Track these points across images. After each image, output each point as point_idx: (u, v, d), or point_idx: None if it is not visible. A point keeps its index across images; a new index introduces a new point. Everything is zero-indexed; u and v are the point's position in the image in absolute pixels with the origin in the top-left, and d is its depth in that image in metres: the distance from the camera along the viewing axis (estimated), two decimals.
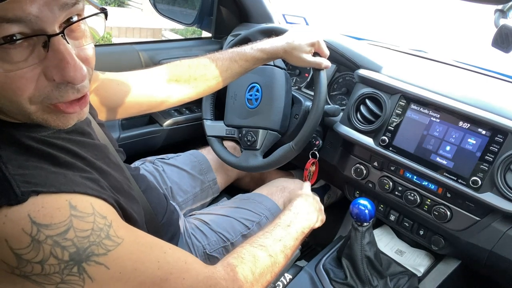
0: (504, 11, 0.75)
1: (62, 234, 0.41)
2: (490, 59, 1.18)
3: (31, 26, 0.38)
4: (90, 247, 0.43)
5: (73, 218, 0.42)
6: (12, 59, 0.38)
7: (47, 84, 0.41)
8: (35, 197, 0.41)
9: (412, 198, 0.90)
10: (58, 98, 0.42)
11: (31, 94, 0.41)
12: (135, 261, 0.47)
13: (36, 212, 0.40)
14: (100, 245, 0.43)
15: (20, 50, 0.39)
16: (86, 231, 0.43)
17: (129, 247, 0.47)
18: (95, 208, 0.45)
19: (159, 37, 5.50)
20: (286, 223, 0.75)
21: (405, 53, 1.24)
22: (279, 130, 0.97)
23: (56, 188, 0.43)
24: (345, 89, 1.13)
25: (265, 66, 0.99)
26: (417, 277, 0.96)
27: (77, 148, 0.51)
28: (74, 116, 0.46)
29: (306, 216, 0.80)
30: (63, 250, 0.41)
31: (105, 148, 0.60)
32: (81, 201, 0.44)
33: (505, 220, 0.78)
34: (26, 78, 0.40)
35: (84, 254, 0.42)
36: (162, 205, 0.86)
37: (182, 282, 0.51)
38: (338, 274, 0.89)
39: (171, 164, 1.11)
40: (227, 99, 1.07)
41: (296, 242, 0.74)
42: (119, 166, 0.62)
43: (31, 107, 0.42)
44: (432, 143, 0.85)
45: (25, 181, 0.41)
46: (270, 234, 0.71)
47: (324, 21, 3.72)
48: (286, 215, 0.78)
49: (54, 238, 0.41)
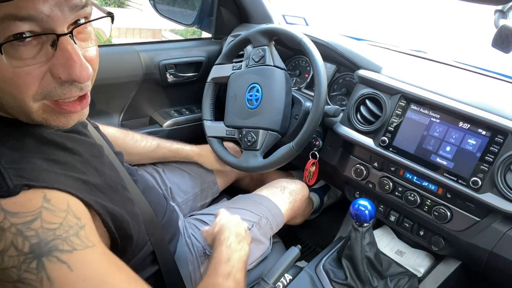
0: (504, 11, 0.75)
1: (28, 223, 0.39)
2: (490, 60, 1.18)
3: (42, 25, 0.39)
4: (54, 241, 0.40)
5: (43, 209, 0.41)
6: (21, 55, 0.39)
7: (52, 81, 0.42)
8: (27, 191, 0.41)
9: (412, 198, 0.90)
10: (60, 95, 0.43)
11: (34, 91, 0.42)
12: (104, 273, 0.42)
13: (7, 200, 0.40)
14: (66, 240, 0.40)
15: (29, 47, 0.40)
16: (54, 224, 0.41)
17: (99, 255, 0.43)
18: (70, 207, 0.43)
19: (159, 38, 5.50)
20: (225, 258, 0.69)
21: (405, 53, 1.24)
22: (279, 131, 0.97)
23: (47, 183, 0.43)
24: (345, 89, 1.13)
25: (265, 66, 0.99)
26: (417, 278, 0.96)
27: (74, 146, 0.52)
28: (74, 116, 0.47)
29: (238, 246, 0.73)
30: (24, 240, 0.39)
31: (101, 148, 0.61)
32: (58, 197, 0.43)
33: (505, 220, 0.78)
34: (33, 75, 0.41)
35: (46, 247, 0.39)
36: (162, 205, 0.86)
37: None
38: (338, 275, 0.89)
39: (170, 165, 1.11)
40: (227, 100, 1.07)
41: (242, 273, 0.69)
42: (113, 166, 0.62)
43: (34, 105, 0.43)
44: (432, 144, 0.85)
45: (19, 175, 0.41)
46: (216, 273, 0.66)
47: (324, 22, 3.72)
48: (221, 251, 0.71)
49: (18, 227, 0.39)
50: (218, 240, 0.74)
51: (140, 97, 1.31)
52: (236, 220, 0.81)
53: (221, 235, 0.74)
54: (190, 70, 1.38)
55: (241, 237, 0.76)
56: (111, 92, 1.22)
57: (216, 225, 0.78)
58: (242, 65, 1.06)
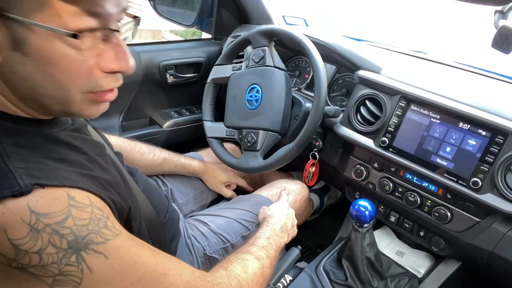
0: (504, 12, 0.75)
1: (61, 222, 0.42)
2: (490, 60, 1.18)
3: (103, 22, 0.43)
4: (89, 235, 0.43)
5: (71, 207, 0.43)
6: (80, 46, 0.43)
7: (98, 73, 0.45)
8: (40, 189, 0.42)
9: (412, 199, 0.90)
10: (104, 86, 0.47)
11: (82, 83, 0.45)
12: (133, 254, 0.48)
13: (35, 202, 0.41)
14: (99, 233, 0.44)
15: (87, 39, 0.43)
16: (85, 220, 0.44)
17: (127, 240, 0.48)
18: (91, 201, 0.46)
19: (159, 39, 5.50)
20: (266, 236, 0.78)
21: (405, 54, 1.23)
22: (279, 131, 0.97)
23: (58, 182, 0.44)
24: (345, 90, 1.13)
25: (265, 67, 0.99)
26: (418, 278, 0.96)
27: (80, 144, 0.53)
28: (102, 106, 0.50)
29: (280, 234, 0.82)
30: (61, 238, 0.41)
31: (103, 146, 0.62)
32: (79, 193, 0.45)
33: (506, 221, 0.78)
34: (86, 66, 0.44)
35: (82, 242, 0.42)
36: (163, 204, 0.87)
37: (180, 277, 0.52)
38: (339, 275, 0.89)
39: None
40: (227, 100, 1.07)
41: (276, 254, 0.75)
42: (116, 164, 0.63)
43: (77, 95, 0.46)
44: (432, 144, 0.85)
45: (29, 174, 0.42)
46: (253, 244, 0.73)
47: (324, 22, 3.72)
48: (265, 230, 0.80)
49: (53, 227, 0.41)
50: (266, 221, 0.84)
51: (140, 97, 1.31)
52: (291, 212, 0.91)
53: (270, 218, 0.85)
54: (190, 71, 1.38)
55: (286, 228, 0.85)
56: None
57: (272, 208, 0.90)
58: (242, 66, 1.06)
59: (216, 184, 1.10)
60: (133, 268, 0.47)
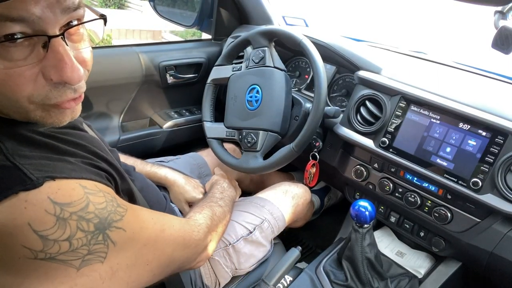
0: (504, 12, 0.75)
1: (84, 209, 0.44)
2: (490, 61, 1.18)
3: (33, 27, 0.39)
4: (109, 215, 0.47)
5: (88, 195, 0.46)
6: (12, 57, 0.40)
7: (45, 83, 0.43)
8: (51, 181, 0.43)
9: (413, 199, 0.90)
10: (56, 97, 0.44)
11: (29, 94, 0.42)
12: (140, 221, 0.54)
13: (54, 194, 0.42)
14: (116, 212, 0.49)
15: (20, 48, 0.40)
16: (102, 204, 0.47)
17: (133, 211, 0.53)
18: (99, 187, 0.49)
19: (159, 39, 5.51)
20: (219, 191, 0.95)
21: (405, 54, 1.24)
22: (280, 132, 0.97)
23: (66, 174, 0.45)
24: (345, 90, 1.13)
25: (265, 67, 0.99)
26: (418, 279, 0.96)
27: (77, 139, 0.54)
28: (68, 113, 0.48)
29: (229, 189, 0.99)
30: (88, 222, 0.44)
31: (100, 142, 0.62)
32: (87, 183, 0.47)
33: (506, 221, 0.78)
34: (25, 76, 0.41)
35: (106, 222, 0.46)
36: (161, 203, 0.86)
37: (173, 228, 0.60)
38: (339, 276, 0.89)
39: (170, 167, 1.11)
40: (227, 101, 1.07)
41: (231, 203, 0.93)
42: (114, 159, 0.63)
43: (30, 105, 0.43)
44: (432, 145, 0.85)
45: (37, 169, 0.43)
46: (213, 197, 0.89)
47: (324, 23, 3.72)
48: (217, 188, 0.97)
49: (78, 213, 0.43)
50: (215, 184, 1.00)
51: (140, 98, 1.31)
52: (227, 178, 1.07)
53: (217, 183, 1.01)
54: (190, 71, 1.38)
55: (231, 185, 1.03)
56: (111, 93, 1.22)
57: (213, 179, 1.05)
58: (242, 66, 1.06)
59: (180, 200, 1.03)
60: (142, 232, 0.53)
